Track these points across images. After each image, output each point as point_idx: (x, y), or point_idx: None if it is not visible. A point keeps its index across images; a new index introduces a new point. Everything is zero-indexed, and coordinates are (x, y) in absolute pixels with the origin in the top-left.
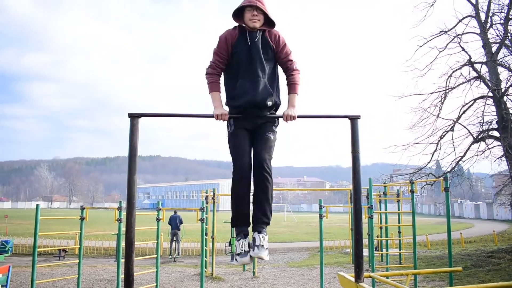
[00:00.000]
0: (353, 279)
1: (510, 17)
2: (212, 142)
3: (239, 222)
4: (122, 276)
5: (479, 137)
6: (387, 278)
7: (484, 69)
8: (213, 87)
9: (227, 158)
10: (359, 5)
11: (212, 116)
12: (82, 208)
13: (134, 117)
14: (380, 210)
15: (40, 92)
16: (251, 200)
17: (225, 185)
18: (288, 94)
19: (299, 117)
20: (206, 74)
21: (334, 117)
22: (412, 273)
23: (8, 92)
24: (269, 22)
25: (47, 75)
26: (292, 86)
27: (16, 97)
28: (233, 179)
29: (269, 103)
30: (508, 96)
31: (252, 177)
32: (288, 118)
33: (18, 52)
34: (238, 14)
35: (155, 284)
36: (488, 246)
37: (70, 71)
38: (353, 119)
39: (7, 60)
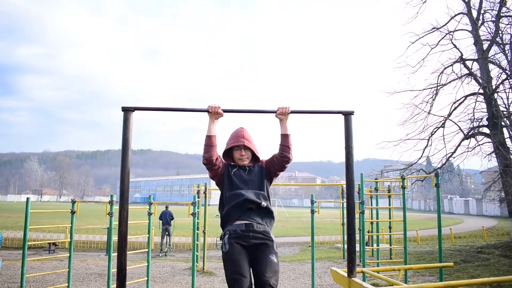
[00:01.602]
0: (345, 274)
1: (502, 14)
2: (204, 136)
3: None
4: (113, 270)
5: (470, 133)
6: (378, 273)
7: (475, 66)
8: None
9: (219, 152)
10: (354, 4)
11: (205, 110)
12: (73, 202)
13: (127, 111)
14: (371, 205)
15: (32, 84)
16: None
17: None
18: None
19: (294, 112)
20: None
21: (328, 112)
22: (404, 269)
23: None
24: (256, 157)
25: (39, 67)
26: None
27: (7, 89)
28: None
29: (264, 204)
30: (498, 93)
31: None
32: (281, 109)
33: (10, 43)
34: (227, 152)
35: (146, 278)
36: (477, 241)
37: (63, 63)
38: (347, 115)
39: None
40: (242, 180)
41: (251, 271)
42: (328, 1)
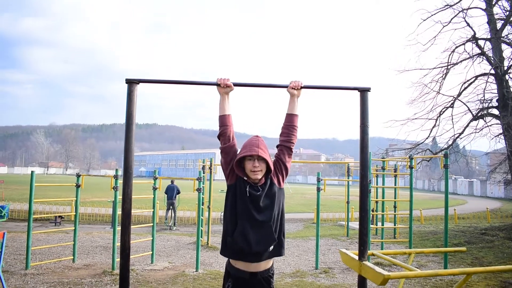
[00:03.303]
0: (356, 257)
1: None
2: (209, 111)
3: None
4: (117, 244)
5: (479, 114)
6: (387, 256)
7: (487, 46)
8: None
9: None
10: None
11: (214, 83)
12: (78, 176)
13: (132, 83)
14: (377, 184)
15: (38, 57)
16: None
17: None
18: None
19: (306, 87)
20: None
21: (343, 88)
22: (416, 252)
23: (4, 57)
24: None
25: (45, 40)
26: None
27: (13, 62)
28: None
29: (270, 248)
30: (510, 75)
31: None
32: (293, 82)
33: (15, 16)
34: (239, 162)
35: (151, 252)
36: (481, 223)
37: (68, 36)
38: (363, 91)
39: (3, 24)
40: (255, 209)
41: None
42: None
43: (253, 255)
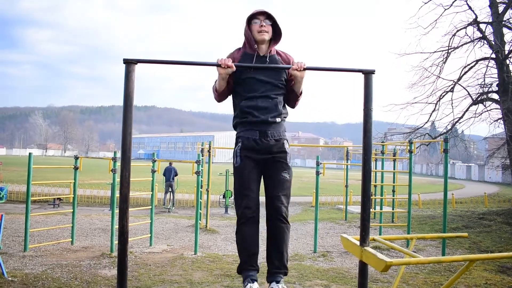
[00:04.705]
0: (358, 243)
1: None
2: (207, 93)
3: (246, 266)
4: (116, 226)
5: (478, 99)
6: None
7: (488, 30)
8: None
9: (223, 110)
10: None
11: (214, 64)
12: (76, 158)
13: (129, 63)
14: (376, 168)
15: (36, 37)
16: (266, 246)
17: (220, 138)
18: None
19: (310, 69)
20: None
21: (347, 70)
22: (417, 237)
23: (2, 37)
24: (276, 34)
25: (43, 20)
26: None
27: (10, 43)
28: (238, 221)
29: (278, 120)
30: (510, 59)
31: (264, 222)
32: (297, 64)
33: None
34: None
35: (150, 234)
36: (479, 207)
37: (67, 16)
38: (367, 74)
39: (1, 4)
40: (257, 85)
41: (261, 183)
42: None
43: (262, 123)
